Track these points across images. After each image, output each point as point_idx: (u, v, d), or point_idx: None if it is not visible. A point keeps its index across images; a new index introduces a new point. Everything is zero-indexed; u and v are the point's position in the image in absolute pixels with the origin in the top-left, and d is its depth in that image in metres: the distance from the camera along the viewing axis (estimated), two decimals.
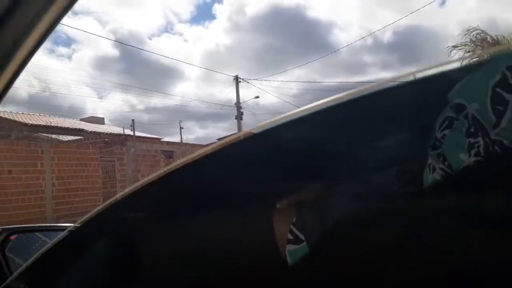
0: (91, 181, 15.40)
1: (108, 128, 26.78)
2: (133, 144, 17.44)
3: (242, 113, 23.96)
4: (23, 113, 23.44)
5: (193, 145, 23.73)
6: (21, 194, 12.82)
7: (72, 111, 35.62)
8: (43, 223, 13.05)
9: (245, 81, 24.13)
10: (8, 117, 21.15)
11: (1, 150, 12.57)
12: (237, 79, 23.97)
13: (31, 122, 21.36)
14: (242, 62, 61.97)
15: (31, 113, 24.35)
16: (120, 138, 18.41)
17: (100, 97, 73.96)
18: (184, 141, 24.25)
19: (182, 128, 35.59)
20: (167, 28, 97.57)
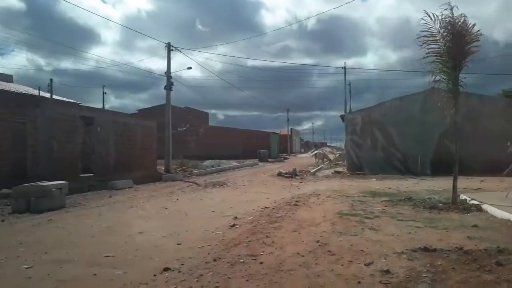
0: None
1: (17, 87, 23.96)
2: (49, 106, 15.84)
3: (172, 84, 23.05)
4: None
5: (115, 113, 22.38)
6: None
7: None
8: None
9: (178, 49, 23.17)
10: None
11: None
12: (169, 47, 22.90)
13: None
14: (165, 32, 59.53)
15: None
16: (33, 99, 16.54)
17: (1, 54, 65.77)
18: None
19: (105, 93, 33.09)
20: None
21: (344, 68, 36.47)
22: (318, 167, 26.29)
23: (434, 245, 5.47)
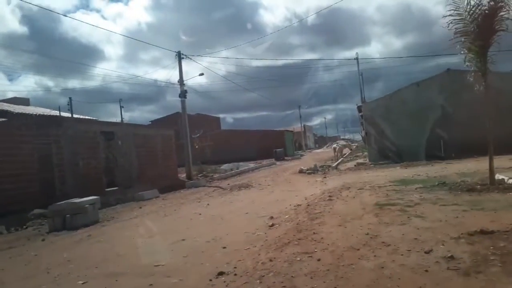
0: (25, 166, 13.97)
1: (35, 109, 24.35)
2: (71, 124, 16.04)
3: (186, 91, 23.13)
4: None
5: (134, 126, 22.56)
6: None
7: None
8: None
9: (188, 57, 23.26)
10: None
11: None
12: (179, 55, 23.00)
13: None
14: (167, 41, 60.01)
15: None
16: (55, 119, 16.78)
17: (10, 79, 67.20)
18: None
19: (122, 107, 33.35)
20: (83, 5, 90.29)
21: (357, 59, 36.07)
22: (339, 161, 26.06)
23: (489, 227, 5.32)
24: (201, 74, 23.96)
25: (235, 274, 4.68)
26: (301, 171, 21.08)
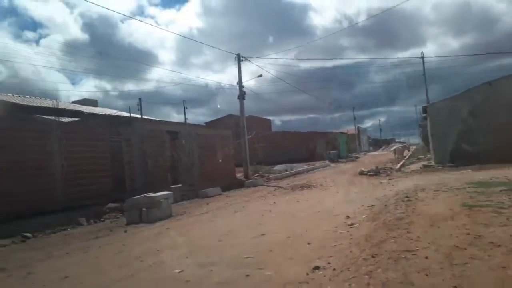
0: (99, 162, 14.81)
1: (103, 110, 25.82)
2: (140, 124, 16.80)
3: (244, 93, 23.40)
4: (7, 94, 22.19)
5: (196, 126, 23.23)
6: (28, 177, 12.14)
7: (45, 97, 33.99)
8: (54, 206, 12.50)
9: (247, 59, 23.51)
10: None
11: (7, 130, 11.85)
12: (239, 58, 23.33)
13: (24, 103, 20.32)
14: (216, 45, 61.30)
15: (15, 95, 23.12)
16: (126, 118, 17.69)
17: (73, 83, 71.86)
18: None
19: (186, 108, 34.51)
20: (138, 12, 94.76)
21: (422, 58, 34.54)
22: (401, 163, 25.04)
23: None
24: (260, 76, 24.06)
25: (334, 269, 4.57)
26: (361, 173, 20.49)
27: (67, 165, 13.41)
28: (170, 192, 11.66)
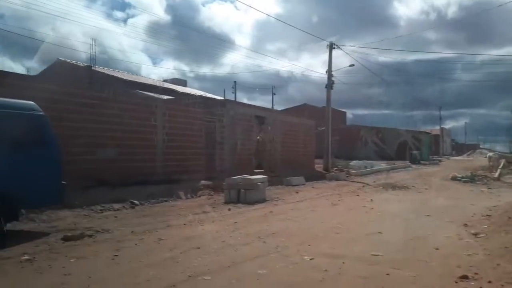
0: (195, 140, 15.43)
1: (192, 90, 26.89)
2: (233, 106, 17.19)
3: (333, 82, 22.85)
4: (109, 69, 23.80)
5: (281, 113, 23.29)
6: (135, 148, 12.98)
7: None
8: (154, 177, 13.26)
9: (339, 47, 22.88)
10: (104, 71, 21.61)
11: (121, 102, 12.75)
12: (331, 46, 22.79)
13: (127, 79, 21.80)
14: (294, 33, 60.29)
15: (116, 70, 24.77)
16: (220, 100, 18.24)
17: (154, 63, 75.65)
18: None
19: (275, 94, 34.83)
20: None
21: None
22: (498, 172, 22.89)
23: None
24: (351, 65, 23.22)
25: (490, 282, 4.20)
26: (454, 178, 19.05)
27: (168, 140, 14.17)
28: (265, 176, 11.78)
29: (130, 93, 13.87)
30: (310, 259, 5.12)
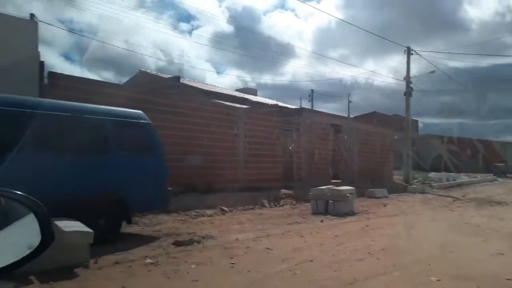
0: (273, 148, 15.43)
1: (263, 99, 27.11)
2: (309, 114, 16.99)
3: (411, 89, 21.73)
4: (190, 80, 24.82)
5: (358, 121, 22.61)
6: (219, 155, 13.25)
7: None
8: (236, 184, 13.42)
9: (417, 53, 21.73)
10: (187, 83, 22.44)
11: (207, 111, 13.13)
12: (408, 51, 21.71)
13: (203, 88, 22.54)
14: (356, 39, 57.93)
15: (191, 80, 25.76)
16: (296, 108, 18.15)
17: (218, 72, 77.67)
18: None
19: (350, 101, 34.28)
20: (279, 5, 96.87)
21: None
22: None
23: None
24: (432, 72, 21.84)
25: None
26: None
27: (249, 148, 14.32)
28: (353, 187, 11.36)
29: (214, 102, 14.24)
30: (437, 280, 4.71)
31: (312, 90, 22.62)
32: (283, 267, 5.05)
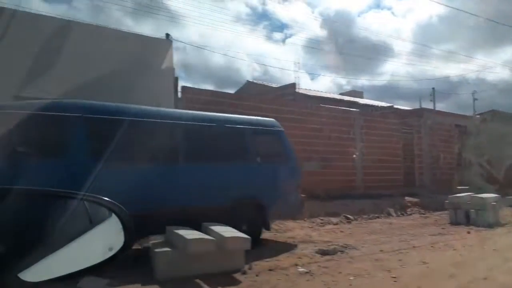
0: (393, 153, 14.53)
1: (369, 101, 25.97)
2: (430, 115, 15.64)
3: None
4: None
5: (483, 120, 20.19)
6: (336, 161, 12.88)
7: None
8: (354, 191, 12.88)
9: None
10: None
11: (322, 116, 12.89)
12: None
13: (310, 94, 22.45)
14: (461, 34, 51.38)
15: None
16: (416, 110, 16.93)
17: (312, 79, 76.38)
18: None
19: (476, 99, 31.41)
20: (375, 4, 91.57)
21: None
22: None
23: None
24: None
25: None
26: None
27: (366, 153, 13.68)
28: (497, 195, 10.02)
29: (329, 107, 13.96)
30: None
31: (433, 89, 20.94)
32: (454, 285, 4.52)
